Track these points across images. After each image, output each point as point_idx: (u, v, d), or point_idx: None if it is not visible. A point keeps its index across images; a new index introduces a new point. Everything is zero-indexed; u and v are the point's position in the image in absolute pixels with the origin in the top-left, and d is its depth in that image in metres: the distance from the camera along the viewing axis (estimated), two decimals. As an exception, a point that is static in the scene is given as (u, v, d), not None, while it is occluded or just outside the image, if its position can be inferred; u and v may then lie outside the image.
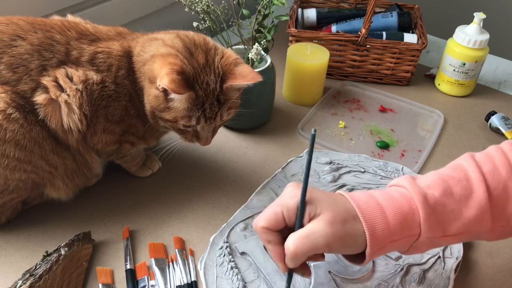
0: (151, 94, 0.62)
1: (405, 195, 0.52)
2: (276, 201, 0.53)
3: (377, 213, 0.51)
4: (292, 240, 0.49)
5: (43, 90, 0.60)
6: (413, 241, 0.52)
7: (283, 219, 0.52)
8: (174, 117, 0.62)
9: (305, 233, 0.49)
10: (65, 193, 0.68)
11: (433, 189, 0.52)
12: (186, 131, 0.65)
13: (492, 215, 0.52)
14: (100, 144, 0.66)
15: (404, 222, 0.51)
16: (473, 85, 1.02)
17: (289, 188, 0.54)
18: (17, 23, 0.60)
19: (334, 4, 1.18)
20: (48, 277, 0.57)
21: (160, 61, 0.60)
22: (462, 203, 0.52)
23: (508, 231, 0.54)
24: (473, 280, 0.65)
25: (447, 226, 0.52)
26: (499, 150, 0.55)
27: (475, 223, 0.52)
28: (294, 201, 0.51)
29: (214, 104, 0.62)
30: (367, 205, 0.51)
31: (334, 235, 0.49)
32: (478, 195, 0.52)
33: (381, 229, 0.50)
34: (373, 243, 0.50)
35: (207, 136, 0.66)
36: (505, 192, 0.52)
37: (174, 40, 0.63)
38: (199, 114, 0.62)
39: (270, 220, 0.52)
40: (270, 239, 0.52)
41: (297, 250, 0.49)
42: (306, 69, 0.92)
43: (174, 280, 0.62)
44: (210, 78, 0.61)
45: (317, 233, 0.49)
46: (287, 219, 0.52)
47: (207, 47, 0.64)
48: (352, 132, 0.91)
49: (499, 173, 0.53)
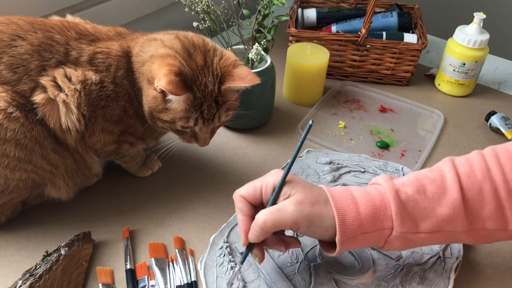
0: (150, 95, 0.62)
1: (379, 190, 0.55)
2: (259, 178, 0.58)
3: (349, 202, 0.54)
4: (263, 213, 0.54)
5: (42, 90, 0.60)
6: (387, 235, 0.54)
7: (260, 194, 0.56)
8: (172, 118, 0.62)
9: (275, 208, 0.54)
10: (66, 193, 0.68)
11: (406, 187, 0.55)
12: (184, 132, 0.65)
13: (468, 217, 0.54)
14: (98, 144, 0.66)
15: (376, 214, 0.53)
16: (473, 85, 1.02)
17: (274, 170, 0.58)
18: (17, 23, 0.60)
19: (334, 4, 1.18)
20: (48, 277, 0.57)
21: (159, 62, 0.60)
22: (435, 201, 0.54)
23: (488, 234, 0.55)
24: (473, 280, 0.65)
25: (419, 222, 0.54)
26: (479, 154, 0.57)
27: (448, 222, 0.53)
28: (274, 180, 0.56)
29: (212, 105, 0.62)
30: (341, 195, 0.55)
31: (301, 213, 0.53)
32: (452, 195, 0.53)
33: (352, 218, 0.53)
34: (342, 230, 0.52)
35: (205, 137, 0.66)
36: (480, 194, 0.54)
37: (173, 41, 0.63)
38: (197, 116, 0.62)
39: (249, 191, 0.57)
40: (244, 208, 0.57)
41: (266, 222, 0.53)
42: (306, 69, 0.92)
43: (174, 280, 0.62)
44: (208, 79, 0.61)
45: (287, 209, 0.53)
46: (264, 195, 0.56)
47: (206, 48, 0.64)
48: (352, 132, 0.91)
49: (475, 175, 0.54)
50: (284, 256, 0.65)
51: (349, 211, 0.53)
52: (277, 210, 0.53)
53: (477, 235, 0.55)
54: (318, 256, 0.65)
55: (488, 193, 0.53)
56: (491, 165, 0.54)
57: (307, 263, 0.64)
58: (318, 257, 0.65)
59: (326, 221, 0.53)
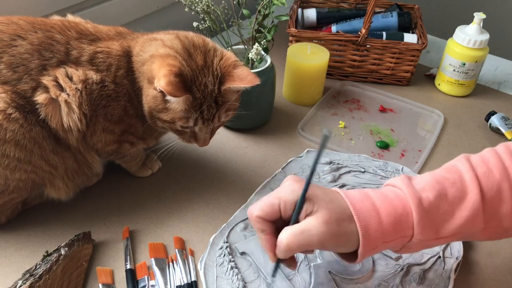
0: (149, 95, 0.62)
1: (400, 197, 0.53)
2: (274, 193, 0.54)
3: (371, 213, 0.51)
4: (286, 234, 0.50)
5: (44, 89, 0.60)
6: (406, 242, 0.53)
7: (278, 211, 0.52)
8: (172, 118, 0.62)
9: (299, 229, 0.50)
10: (65, 193, 0.68)
11: (428, 192, 0.53)
12: (184, 132, 0.65)
13: (485, 216, 0.53)
14: (99, 144, 0.66)
15: (398, 223, 0.51)
16: (473, 85, 1.02)
17: (288, 182, 0.54)
18: (17, 22, 0.60)
19: (334, 4, 1.18)
20: (48, 277, 0.57)
21: (159, 62, 0.60)
22: (455, 205, 0.52)
23: (502, 231, 0.55)
24: (473, 280, 0.65)
25: (440, 228, 0.52)
26: (494, 152, 0.56)
27: (467, 224, 0.52)
28: (293, 196, 0.52)
29: (212, 106, 0.62)
30: (362, 204, 0.52)
31: (328, 234, 0.50)
32: (472, 197, 0.52)
33: (375, 229, 0.51)
34: (365, 243, 0.51)
35: (205, 138, 0.66)
36: (498, 194, 0.53)
37: (173, 41, 0.63)
38: (197, 116, 0.62)
39: (266, 210, 0.52)
40: (264, 228, 0.53)
41: (290, 245, 0.50)
42: (306, 69, 0.92)
43: (174, 280, 0.62)
44: (208, 79, 0.61)
45: (312, 231, 0.50)
46: (283, 212, 0.52)
47: (206, 48, 0.64)
48: (352, 132, 0.91)
49: (493, 175, 0.54)
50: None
51: (372, 222, 0.51)
52: (301, 232, 0.50)
53: (491, 232, 0.54)
54: (318, 256, 0.65)
55: (506, 192, 0.53)
56: (507, 164, 0.54)
57: (307, 263, 0.64)
58: (318, 257, 0.65)
59: (352, 240, 0.51)
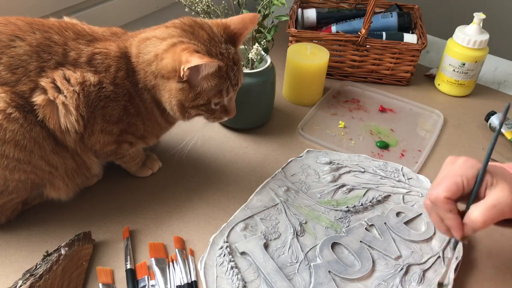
0: (174, 89, 0.62)
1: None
2: (451, 172, 0.55)
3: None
4: (479, 211, 0.52)
5: (42, 91, 0.60)
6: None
7: (462, 188, 0.54)
8: (207, 99, 0.64)
9: (491, 204, 0.52)
10: (65, 193, 0.68)
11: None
12: (215, 110, 0.67)
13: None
14: (98, 145, 0.66)
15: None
16: (473, 85, 1.02)
17: (462, 160, 0.56)
18: (15, 23, 0.60)
19: (334, 4, 1.18)
20: (48, 277, 0.57)
21: (171, 54, 0.60)
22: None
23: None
24: (473, 280, 0.65)
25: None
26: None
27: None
28: (474, 171, 0.54)
29: (234, 69, 0.65)
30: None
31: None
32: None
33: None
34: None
35: (234, 106, 0.69)
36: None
37: (167, 31, 0.64)
38: (228, 84, 0.64)
39: (453, 190, 0.53)
40: (451, 208, 0.54)
41: (487, 220, 0.51)
42: (306, 69, 0.92)
43: (174, 280, 0.62)
44: (222, 47, 0.64)
45: (503, 203, 0.51)
46: (466, 188, 0.54)
47: (200, 24, 0.65)
48: (352, 132, 0.91)
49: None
50: (284, 256, 0.65)
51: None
52: (493, 206, 0.52)
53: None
54: (318, 256, 0.65)
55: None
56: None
57: (307, 263, 0.64)
58: (318, 257, 0.65)
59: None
